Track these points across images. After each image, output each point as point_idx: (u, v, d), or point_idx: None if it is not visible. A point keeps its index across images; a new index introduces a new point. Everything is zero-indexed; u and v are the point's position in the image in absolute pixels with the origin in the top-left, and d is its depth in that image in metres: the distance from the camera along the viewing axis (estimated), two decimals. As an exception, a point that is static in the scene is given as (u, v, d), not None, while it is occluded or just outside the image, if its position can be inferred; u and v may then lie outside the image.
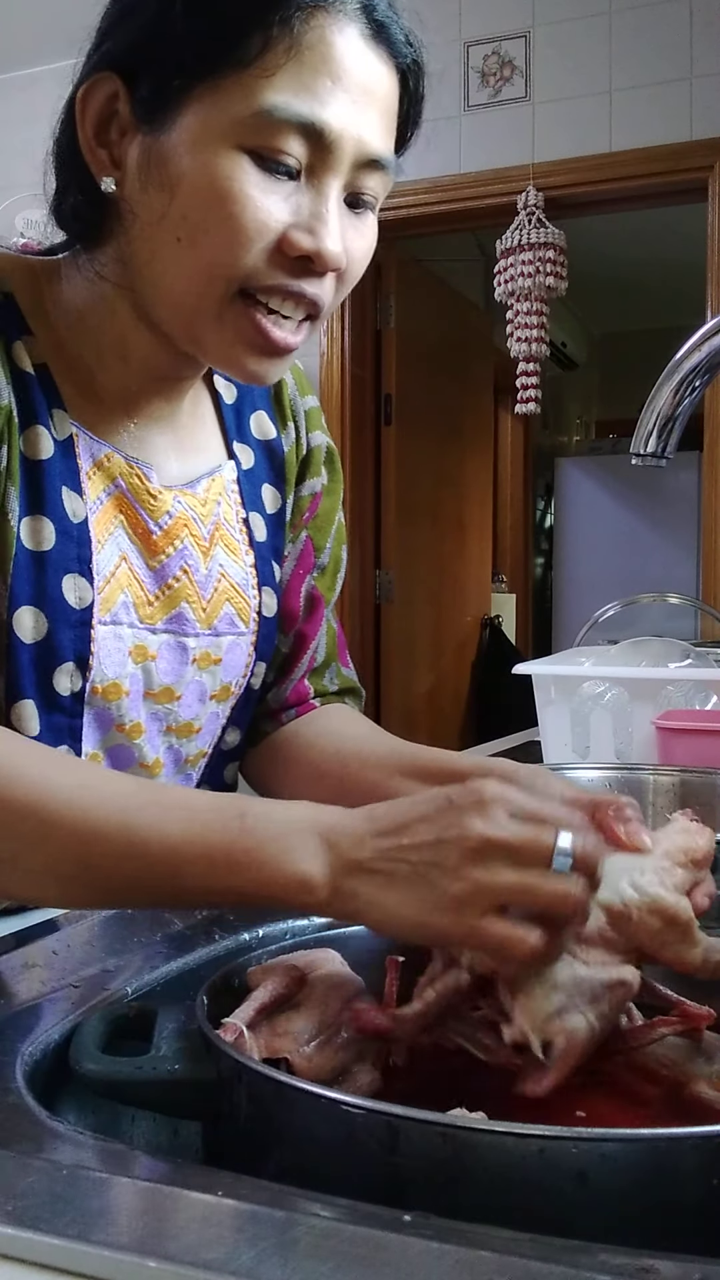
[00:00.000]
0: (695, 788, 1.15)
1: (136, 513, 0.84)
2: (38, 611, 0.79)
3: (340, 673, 1.04)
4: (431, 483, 4.43)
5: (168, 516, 0.86)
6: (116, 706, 0.85)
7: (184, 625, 0.88)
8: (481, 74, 3.49)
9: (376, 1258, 0.39)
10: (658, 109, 3.30)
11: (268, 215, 0.71)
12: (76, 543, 0.81)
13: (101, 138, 0.75)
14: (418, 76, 0.77)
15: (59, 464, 0.80)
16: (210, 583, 0.89)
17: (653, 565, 5.51)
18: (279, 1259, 0.38)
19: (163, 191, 0.73)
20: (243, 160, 0.71)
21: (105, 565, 0.82)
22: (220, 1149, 0.53)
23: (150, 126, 0.73)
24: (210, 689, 0.91)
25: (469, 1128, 0.44)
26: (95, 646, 0.82)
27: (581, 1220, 0.42)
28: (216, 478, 0.91)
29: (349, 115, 0.72)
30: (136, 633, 0.85)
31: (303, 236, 0.72)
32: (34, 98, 3.92)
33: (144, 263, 0.76)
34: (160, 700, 0.88)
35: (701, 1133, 0.44)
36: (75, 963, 0.69)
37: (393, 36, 0.74)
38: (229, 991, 0.60)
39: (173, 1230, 0.41)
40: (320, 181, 0.73)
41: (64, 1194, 0.43)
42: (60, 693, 0.81)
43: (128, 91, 0.73)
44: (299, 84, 0.70)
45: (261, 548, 0.94)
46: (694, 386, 0.95)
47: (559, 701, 1.45)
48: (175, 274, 0.74)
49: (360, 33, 0.72)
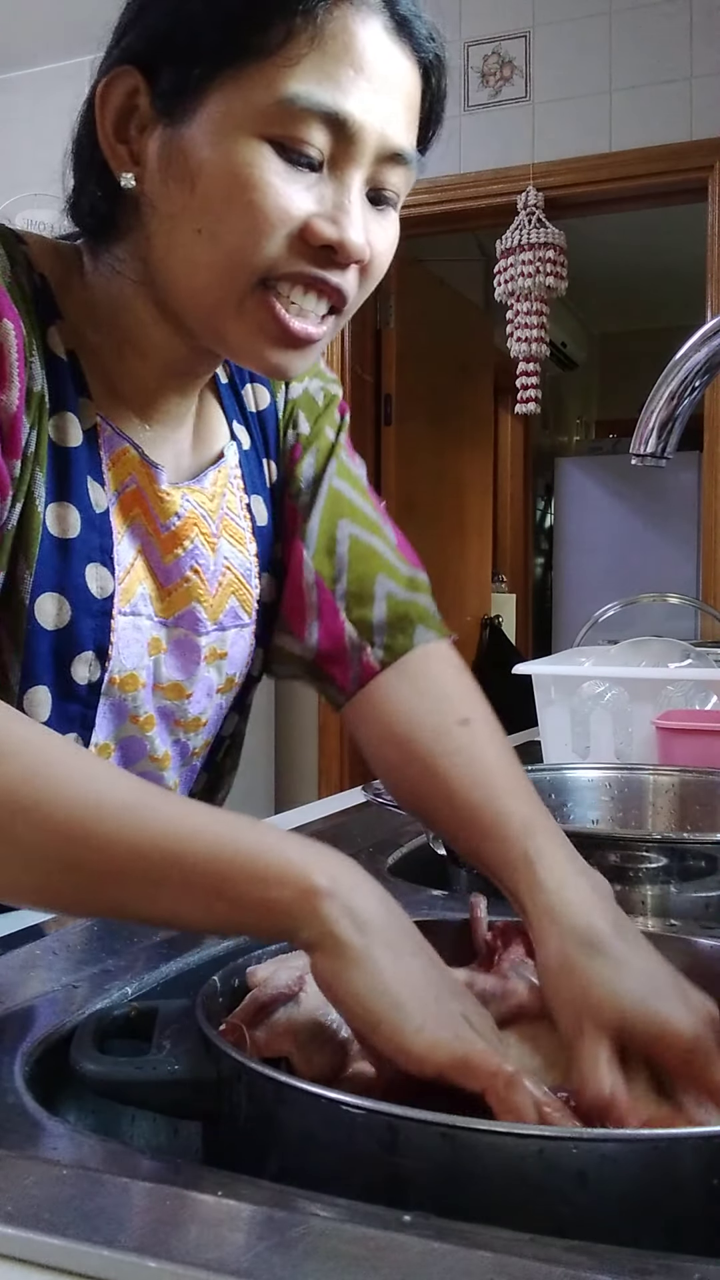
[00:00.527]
0: (695, 788, 1.15)
1: (148, 510, 0.84)
2: (61, 599, 0.78)
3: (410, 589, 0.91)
4: (431, 483, 4.43)
5: (176, 518, 0.85)
6: (132, 698, 0.85)
7: (195, 624, 0.87)
8: (481, 74, 3.49)
9: (376, 1258, 0.39)
10: (658, 109, 3.30)
11: (289, 203, 0.71)
12: (99, 532, 0.80)
13: (121, 134, 0.75)
14: (440, 73, 0.77)
15: (85, 453, 0.80)
16: (216, 577, 0.89)
17: (653, 565, 5.51)
18: (279, 1259, 0.38)
19: (183, 183, 0.72)
20: (265, 149, 0.70)
21: (124, 556, 0.82)
22: (220, 1149, 0.53)
23: (171, 119, 0.73)
24: (217, 684, 0.91)
25: (469, 1128, 0.44)
26: (115, 637, 0.81)
27: (581, 1220, 0.42)
28: (221, 468, 0.90)
29: (372, 106, 0.71)
30: (153, 625, 0.85)
31: (326, 226, 0.72)
32: (36, 98, 3.93)
33: (162, 256, 0.75)
34: (169, 695, 0.88)
35: (701, 1133, 0.44)
36: (75, 963, 0.69)
37: (415, 31, 0.74)
38: (229, 991, 0.60)
39: (173, 1230, 0.41)
40: (343, 173, 0.72)
41: (64, 1194, 0.43)
42: (77, 681, 0.80)
43: (148, 85, 0.73)
44: (322, 73, 0.70)
45: (263, 531, 0.93)
46: (694, 386, 0.95)
47: (559, 701, 1.45)
48: (195, 265, 0.74)
49: (383, 26, 0.72)
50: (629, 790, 1.16)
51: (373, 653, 0.89)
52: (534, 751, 1.56)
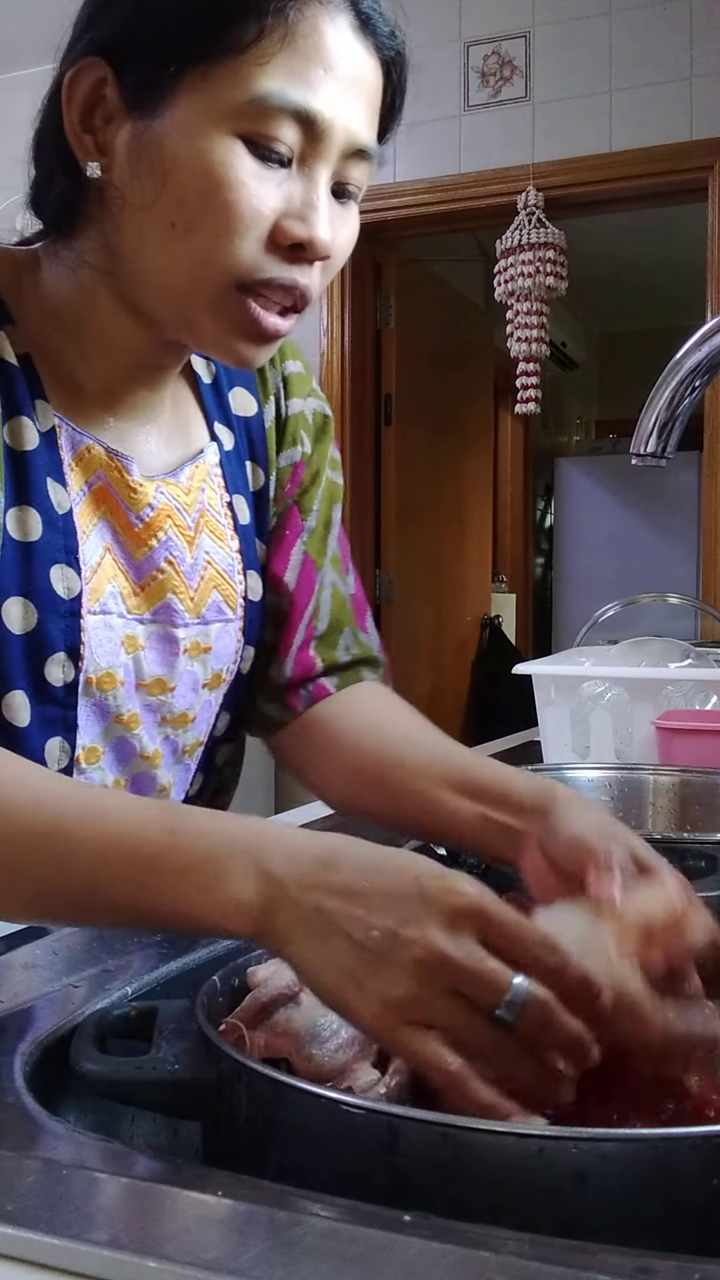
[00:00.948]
0: (695, 788, 1.15)
1: (118, 505, 0.85)
2: (26, 602, 0.79)
3: (358, 639, 1.00)
4: (431, 483, 4.43)
5: (149, 509, 0.86)
6: (112, 696, 0.85)
7: (172, 616, 0.88)
8: (481, 74, 3.49)
9: (376, 1258, 0.39)
10: (658, 109, 3.30)
11: (261, 203, 0.72)
12: (62, 533, 0.81)
13: (87, 123, 0.75)
14: (401, 68, 0.78)
15: (43, 455, 0.81)
16: (197, 571, 0.89)
17: (653, 565, 5.51)
18: (279, 1259, 0.39)
19: (154, 177, 0.73)
20: (237, 146, 0.71)
21: (91, 556, 0.83)
22: (220, 1149, 0.53)
23: (140, 112, 0.73)
24: (202, 678, 0.92)
25: (469, 1128, 0.45)
26: (86, 636, 0.82)
27: (581, 1220, 0.42)
28: (200, 464, 0.91)
29: (340, 104, 0.73)
30: (126, 623, 0.85)
31: (296, 225, 0.73)
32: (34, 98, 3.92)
33: (133, 249, 0.76)
34: (153, 691, 0.88)
35: (701, 1133, 0.44)
36: (75, 963, 0.69)
37: (378, 28, 0.75)
38: (229, 991, 0.60)
39: (173, 1230, 0.41)
40: (311, 169, 0.74)
41: (64, 1194, 0.43)
42: (52, 683, 0.81)
43: (115, 77, 0.74)
44: (292, 72, 0.71)
45: (245, 530, 0.94)
46: (694, 386, 0.95)
47: (559, 701, 1.45)
48: (169, 260, 0.75)
49: (349, 23, 0.73)
50: (629, 790, 1.16)
51: (328, 680, 0.97)
52: (534, 751, 1.56)
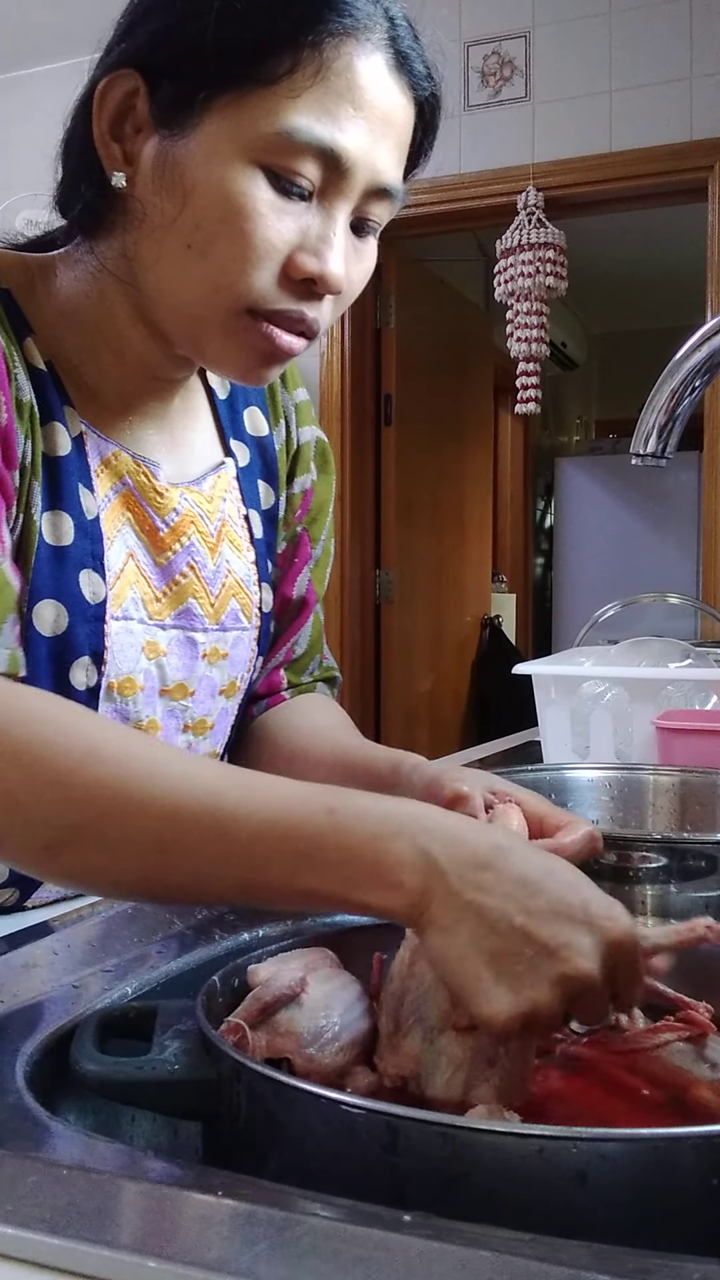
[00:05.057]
0: (695, 788, 1.15)
1: (143, 510, 0.86)
2: (58, 605, 0.80)
3: (322, 665, 1.06)
4: (431, 483, 4.43)
5: (174, 514, 0.87)
6: (132, 702, 0.86)
7: (192, 621, 0.89)
8: (481, 74, 3.49)
9: (376, 1258, 0.39)
10: (658, 109, 3.30)
11: (277, 236, 0.72)
12: (90, 538, 0.82)
13: (116, 132, 0.75)
14: (434, 109, 0.79)
15: (74, 460, 0.81)
16: (218, 578, 0.91)
17: (653, 565, 5.51)
18: (279, 1259, 0.38)
19: (175, 197, 0.73)
20: (258, 177, 0.72)
21: (115, 562, 0.83)
22: (220, 1149, 0.53)
23: (168, 129, 0.73)
24: (220, 684, 0.93)
25: (469, 1128, 0.45)
26: (109, 641, 0.83)
27: (581, 1220, 0.42)
28: (221, 475, 0.92)
29: (367, 144, 0.73)
30: (147, 629, 0.86)
31: (308, 259, 0.74)
32: (34, 97, 3.92)
33: (150, 263, 0.76)
34: (175, 697, 0.89)
35: (701, 1133, 0.44)
36: (75, 963, 0.69)
37: (414, 68, 0.75)
38: (229, 991, 0.60)
39: (173, 1230, 0.41)
40: (331, 205, 0.74)
41: (64, 1194, 0.43)
42: (76, 687, 0.82)
43: (148, 90, 0.74)
44: (322, 108, 0.71)
45: (260, 544, 0.96)
46: (694, 386, 0.95)
47: (559, 701, 1.45)
48: (182, 280, 0.75)
49: (385, 62, 0.73)
50: (629, 790, 1.16)
51: (287, 693, 1.02)
52: (534, 751, 1.56)
